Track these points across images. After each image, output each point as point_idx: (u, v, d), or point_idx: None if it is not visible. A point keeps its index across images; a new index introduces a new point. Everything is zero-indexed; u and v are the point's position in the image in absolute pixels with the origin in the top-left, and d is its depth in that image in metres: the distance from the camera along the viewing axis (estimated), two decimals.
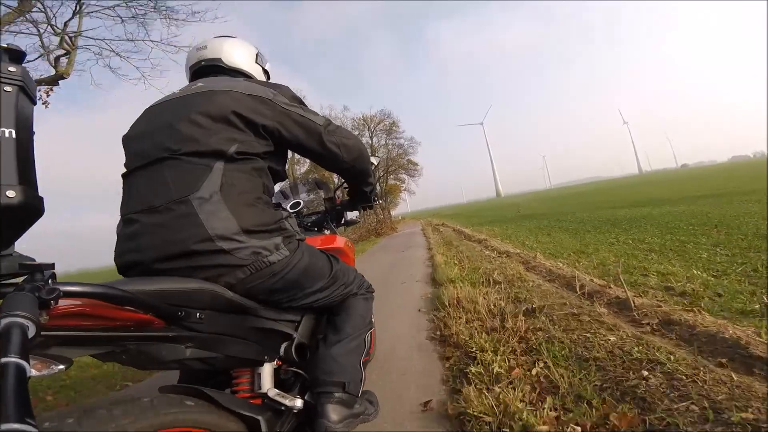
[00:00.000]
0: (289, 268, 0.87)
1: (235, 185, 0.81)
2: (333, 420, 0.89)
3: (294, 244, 0.90)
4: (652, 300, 2.16)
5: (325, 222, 1.55)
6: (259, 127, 0.88)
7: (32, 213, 0.54)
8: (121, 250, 0.80)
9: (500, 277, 3.41)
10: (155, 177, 0.81)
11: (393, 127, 29.96)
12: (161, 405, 0.61)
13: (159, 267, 0.75)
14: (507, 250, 5.00)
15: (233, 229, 0.77)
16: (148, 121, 0.91)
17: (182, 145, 0.81)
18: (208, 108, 0.85)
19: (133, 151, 0.88)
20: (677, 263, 3.01)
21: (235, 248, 0.77)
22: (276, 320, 0.95)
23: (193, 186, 0.78)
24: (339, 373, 0.96)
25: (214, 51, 1.08)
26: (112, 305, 0.59)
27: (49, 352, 0.58)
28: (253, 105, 0.88)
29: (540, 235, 6.46)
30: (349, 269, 1.14)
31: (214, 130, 0.83)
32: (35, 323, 0.43)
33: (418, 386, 1.70)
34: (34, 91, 0.58)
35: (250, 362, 0.92)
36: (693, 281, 2.44)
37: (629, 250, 3.85)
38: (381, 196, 29.18)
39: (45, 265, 0.52)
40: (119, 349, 0.67)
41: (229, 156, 0.82)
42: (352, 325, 1.05)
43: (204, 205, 0.77)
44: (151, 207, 0.78)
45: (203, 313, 0.75)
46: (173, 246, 0.75)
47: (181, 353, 0.74)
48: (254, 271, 0.80)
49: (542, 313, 2.21)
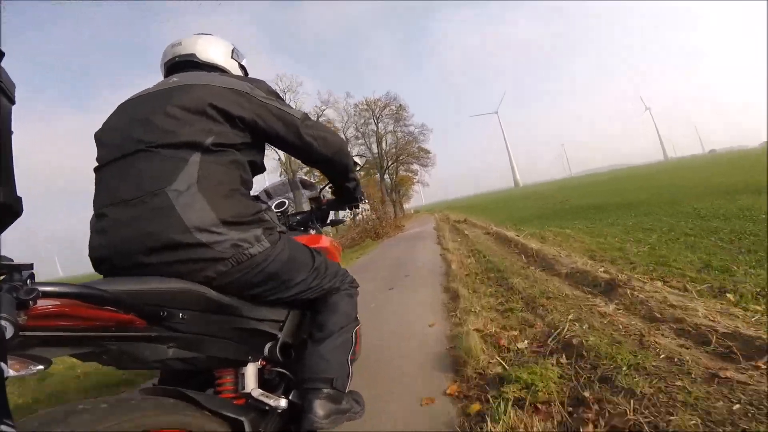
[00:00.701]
0: (270, 260, 0.86)
1: (212, 177, 0.81)
2: (320, 415, 0.89)
3: (275, 236, 0.89)
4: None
5: (310, 221, 1.55)
6: (236, 119, 0.88)
7: (10, 214, 0.53)
8: (94, 244, 0.79)
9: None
10: (128, 170, 0.80)
11: (400, 111, 27.88)
12: (144, 406, 0.61)
13: (136, 261, 0.74)
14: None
15: (211, 220, 0.76)
16: (122, 116, 0.90)
17: (157, 138, 0.80)
18: (185, 101, 0.84)
19: (106, 145, 0.86)
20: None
21: (215, 241, 0.77)
22: (260, 320, 0.95)
23: (168, 178, 0.77)
24: (326, 370, 0.96)
25: (188, 47, 1.08)
26: (92, 305, 0.59)
27: (29, 353, 0.57)
28: (231, 97, 0.88)
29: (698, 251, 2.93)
30: (332, 263, 1.14)
31: (189, 122, 0.82)
32: (13, 324, 0.43)
33: None
34: (12, 91, 0.56)
35: (234, 362, 0.91)
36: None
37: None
38: (388, 193, 27.47)
39: (23, 266, 0.51)
40: (100, 349, 0.66)
41: (206, 147, 0.81)
42: (338, 322, 1.05)
43: (180, 197, 0.75)
44: (123, 200, 0.77)
45: (186, 313, 0.75)
46: (149, 239, 0.73)
47: (163, 353, 0.73)
48: (235, 264, 0.80)
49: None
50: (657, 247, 3.38)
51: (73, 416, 0.52)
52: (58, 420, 0.51)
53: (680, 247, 3.25)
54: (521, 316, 2.25)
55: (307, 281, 0.99)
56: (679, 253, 3.04)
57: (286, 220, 1.51)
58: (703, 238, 3.37)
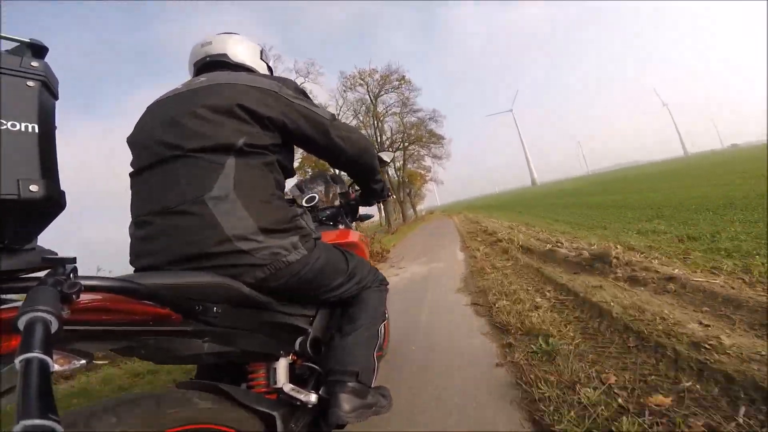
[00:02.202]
0: (308, 267, 0.87)
1: (249, 182, 0.81)
2: (345, 410, 0.89)
3: (311, 243, 0.90)
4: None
5: (339, 216, 1.56)
6: (265, 120, 0.87)
7: (54, 207, 0.54)
8: (137, 253, 0.80)
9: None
10: (166, 176, 0.80)
11: (403, 83, 21.68)
12: (178, 401, 0.62)
13: (177, 269, 0.75)
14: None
15: (251, 228, 0.77)
16: (152, 119, 0.90)
17: (189, 141, 0.80)
18: (213, 101, 0.84)
19: (140, 149, 0.87)
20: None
21: (254, 248, 0.77)
22: (291, 315, 0.96)
23: (206, 185, 0.77)
24: (352, 363, 0.96)
25: (219, 47, 1.07)
26: (132, 299, 0.59)
27: (71, 347, 0.59)
28: (259, 97, 0.87)
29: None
30: (364, 263, 1.15)
31: (220, 123, 0.82)
32: (58, 318, 0.43)
33: None
34: (56, 86, 0.58)
35: (266, 357, 0.93)
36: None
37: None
38: (393, 190, 22.01)
39: (67, 260, 0.52)
40: (138, 343, 0.68)
41: (239, 149, 0.81)
42: (366, 316, 1.06)
43: (219, 205, 0.76)
44: (165, 208, 0.77)
45: (220, 307, 0.76)
46: (191, 248, 0.74)
47: (199, 348, 0.74)
48: (273, 271, 0.81)
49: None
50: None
51: (113, 411, 0.53)
52: (100, 414, 0.52)
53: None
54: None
55: (342, 286, 1.02)
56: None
57: (316, 214, 1.52)
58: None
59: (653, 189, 9.82)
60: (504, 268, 3.73)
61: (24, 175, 0.49)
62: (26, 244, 0.54)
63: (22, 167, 0.50)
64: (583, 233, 4.76)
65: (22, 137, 0.51)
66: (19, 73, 0.52)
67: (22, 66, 0.53)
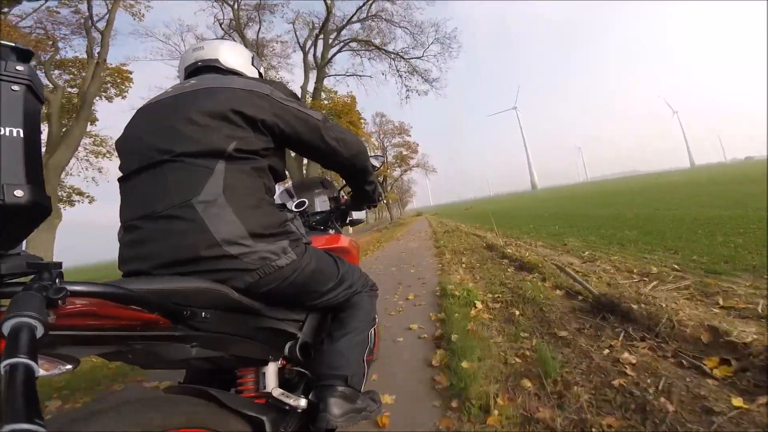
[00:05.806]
0: (297, 272, 0.87)
1: (238, 186, 0.80)
2: (335, 414, 0.89)
3: (301, 248, 0.89)
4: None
5: (329, 221, 1.56)
6: (258, 123, 0.86)
7: (40, 212, 0.54)
8: (125, 258, 0.79)
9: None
10: (155, 180, 0.79)
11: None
12: (167, 405, 0.62)
13: (165, 273, 0.75)
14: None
15: (240, 233, 0.77)
16: (142, 122, 0.89)
17: (180, 146, 0.79)
18: (207, 106, 0.83)
19: (129, 153, 0.86)
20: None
21: (243, 253, 0.77)
22: (280, 319, 0.96)
23: (195, 189, 0.76)
24: (342, 367, 0.97)
25: (212, 52, 1.07)
26: (119, 304, 0.59)
27: (57, 352, 0.58)
28: (252, 100, 0.87)
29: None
30: (354, 269, 1.15)
31: (212, 128, 0.81)
32: (43, 323, 0.43)
33: None
34: (41, 91, 0.58)
35: (255, 362, 0.92)
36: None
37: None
38: (384, 194, 24.89)
39: (52, 264, 0.52)
40: (126, 348, 0.67)
41: (228, 154, 0.80)
42: (356, 321, 1.06)
43: (208, 209, 0.76)
44: (153, 212, 0.76)
45: (208, 312, 0.75)
46: (179, 252, 0.74)
47: (187, 353, 0.74)
48: (262, 275, 0.81)
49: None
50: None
51: (98, 416, 0.53)
52: (84, 419, 0.52)
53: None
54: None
55: (332, 291, 1.01)
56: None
57: (306, 219, 1.51)
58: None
59: (676, 205, 7.58)
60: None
61: (9, 180, 0.49)
62: (11, 249, 0.54)
63: (7, 172, 0.49)
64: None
65: (8, 142, 0.50)
66: (4, 77, 0.52)
67: (6, 70, 0.52)
